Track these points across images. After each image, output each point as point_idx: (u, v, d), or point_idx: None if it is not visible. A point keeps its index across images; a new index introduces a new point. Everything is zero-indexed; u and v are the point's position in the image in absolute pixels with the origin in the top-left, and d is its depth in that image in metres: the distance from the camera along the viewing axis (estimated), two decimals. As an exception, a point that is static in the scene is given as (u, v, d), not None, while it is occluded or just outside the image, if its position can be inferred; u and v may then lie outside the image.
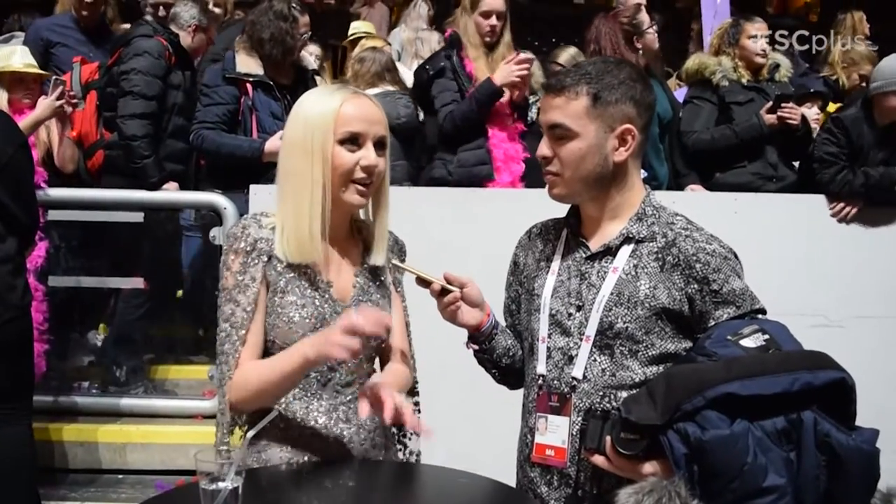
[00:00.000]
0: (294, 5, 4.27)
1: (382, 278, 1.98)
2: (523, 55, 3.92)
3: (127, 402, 4.32)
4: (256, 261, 1.82)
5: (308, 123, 1.81)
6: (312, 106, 1.83)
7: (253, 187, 3.76)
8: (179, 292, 4.70)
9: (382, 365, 2.03)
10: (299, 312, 1.82)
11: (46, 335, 4.02)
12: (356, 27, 6.15)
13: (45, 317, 4.00)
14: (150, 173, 4.15)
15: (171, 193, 4.22)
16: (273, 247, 1.83)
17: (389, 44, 5.94)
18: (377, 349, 1.96)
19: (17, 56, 4.20)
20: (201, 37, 4.90)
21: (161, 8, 5.05)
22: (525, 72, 3.90)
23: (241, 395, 1.79)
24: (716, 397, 1.49)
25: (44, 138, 4.27)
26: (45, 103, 4.05)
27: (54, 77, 4.17)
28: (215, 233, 4.14)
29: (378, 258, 1.93)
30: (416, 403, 2.07)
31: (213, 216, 4.17)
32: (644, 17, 4.33)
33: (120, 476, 4.07)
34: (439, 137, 4.16)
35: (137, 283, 4.17)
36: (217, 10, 5.47)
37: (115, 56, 4.40)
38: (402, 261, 2.04)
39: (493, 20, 4.05)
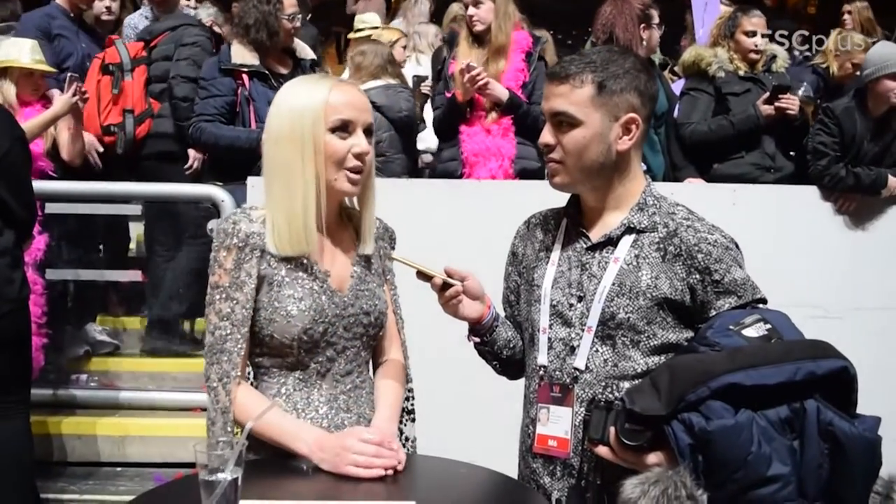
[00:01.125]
0: None
1: (375, 266, 1.98)
2: (464, 65, 3.86)
3: (125, 395, 4.32)
4: (250, 256, 1.80)
5: (295, 113, 1.78)
6: (298, 96, 1.81)
7: (251, 179, 3.75)
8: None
9: (374, 356, 2.03)
10: (297, 305, 1.81)
11: (45, 328, 4.03)
12: (364, 21, 6.09)
13: (43, 310, 4.01)
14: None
15: (168, 186, 4.23)
16: (265, 241, 1.81)
17: (406, 34, 5.90)
18: (374, 338, 1.96)
19: (26, 51, 4.19)
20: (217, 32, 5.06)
21: None
22: (476, 79, 3.84)
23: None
24: (720, 387, 1.49)
25: (51, 130, 4.26)
26: (62, 99, 4.12)
27: (69, 74, 4.19)
28: (213, 225, 4.13)
29: (368, 247, 1.93)
30: (410, 391, 2.07)
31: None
32: (654, 14, 4.31)
33: (118, 469, 4.08)
34: None
35: (136, 275, 4.16)
36: None
37: (159, 38, 4.72)
38: (393, 248, 2.04)
39: (471, 9, 4.04)
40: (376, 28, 5.84)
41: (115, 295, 4.90)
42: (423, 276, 1.87)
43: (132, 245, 5.10)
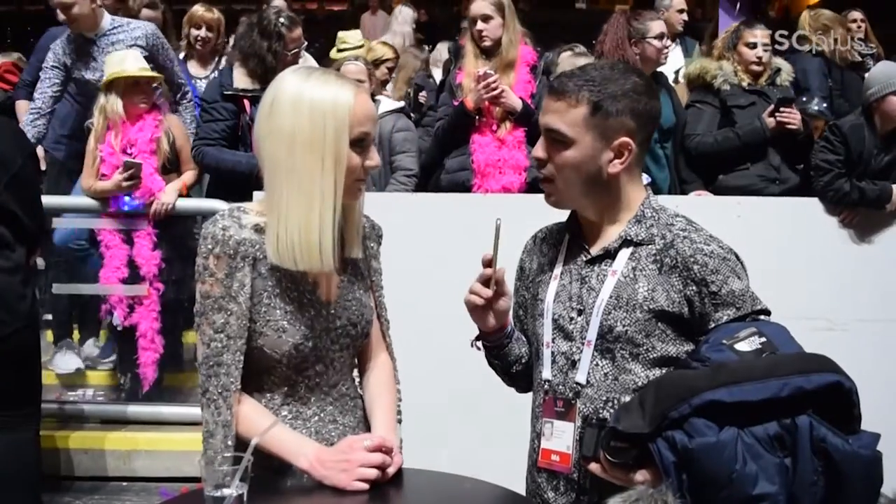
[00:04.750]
0: (282, 20, 4.17)
1: (362, 268, 1.93)
2: (481, 72, 3.89)
3: (132, 409, 4.33)
4: (242, 264, 1.72)
5: (316, 117, 1.66)
6: (319, 95, 1.68)
7: (257, 194, 3.75)
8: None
9: (360, 361, 1.99)
10: (288, 320, 1.77)
11: (156, 344, 4.17)
12: (345, 40, 5.97)
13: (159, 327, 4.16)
14: None
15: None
16: (258, 249, 1.74)
17: (398, 54, 5.93)
18: (359, 346, 1.93)
19: (129, 61, 4.18)
20: None
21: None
22: (491, 87, 3.87)
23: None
24: (701, 405, 1.48)
25: (164, 147, 4.27)
26: (115, 180, 4.10)
27: (128, 160, 4.10)
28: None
29: (355, 251, 1.86)
30: (397, 392, 2.02)
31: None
32: (653, 27, 4.31)
33: (125, 483, 4.08)
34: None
35: (140, 290, 4.17)
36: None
37: None
38: (380, 245, 1.97)
39: (479, 24, 4.05)
40: (359, 47, 5.78)
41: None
42: (487, 262, 1.81)
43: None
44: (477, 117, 4.00)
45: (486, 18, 4.03)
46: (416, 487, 1.82)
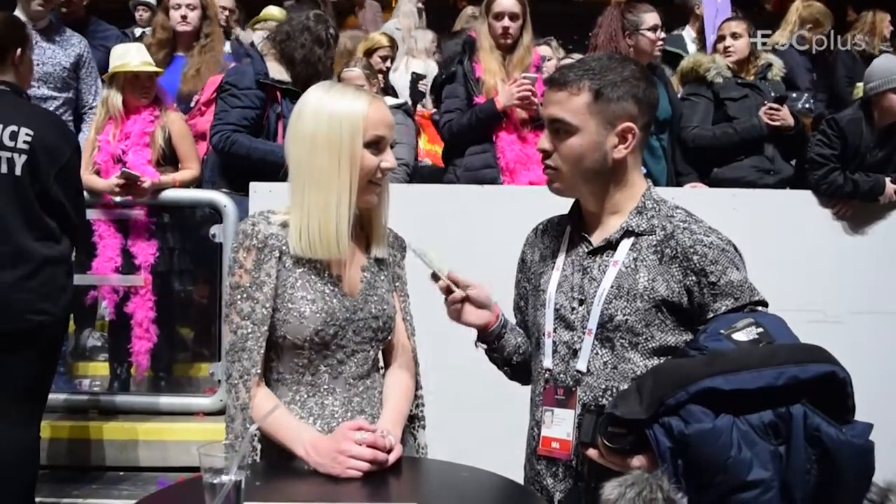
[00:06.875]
0: (331, 31, 4.24)
1: (386, 272, 2.02)
2: (522, 75, 3.94)
3: (128, 399, 4.33)
4: (269, 257, 1.86)
5: (334, 122, 1.83)
6: (337, 104, 1.85)
7: (253, 184, 3.77)
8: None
9: (385, 359, 2.06)
10: (310, 307, 1.86)
11: (150, 333, 4.17)
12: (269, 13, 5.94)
13: (153, 317, 4.17)
14: None
15: (171, 191, 4.22)
16: (283, 243, 1.87)
17: (392, 43, 5.88)
18: (383, 342, 2.00)
19: (132, 54, 4.18)
20: None
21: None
22: (527, 92, 3.91)
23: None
24: (698, 392, 1.50)
25: (159, 142, 4.24)
26: (111, 182, 4.07)
27: (126, 170, 4.05)
28: (215, 230, 4.15)
29: (380, 250, 1.98)
30: (420, 397, 2.09)
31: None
32: (647, 19, 4.32)
33: (121, 473, 4.08)
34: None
35: (137, 280, 4.17)
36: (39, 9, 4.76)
37: None
38: (403, 257, 2.07)
39: (506, 21, 4.07)
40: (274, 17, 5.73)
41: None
42: (435, 277, 1.90)
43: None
44: (501, 119, 4.03)
45: (514, 17, 4.06)
46: (415, 475, 1.84)
